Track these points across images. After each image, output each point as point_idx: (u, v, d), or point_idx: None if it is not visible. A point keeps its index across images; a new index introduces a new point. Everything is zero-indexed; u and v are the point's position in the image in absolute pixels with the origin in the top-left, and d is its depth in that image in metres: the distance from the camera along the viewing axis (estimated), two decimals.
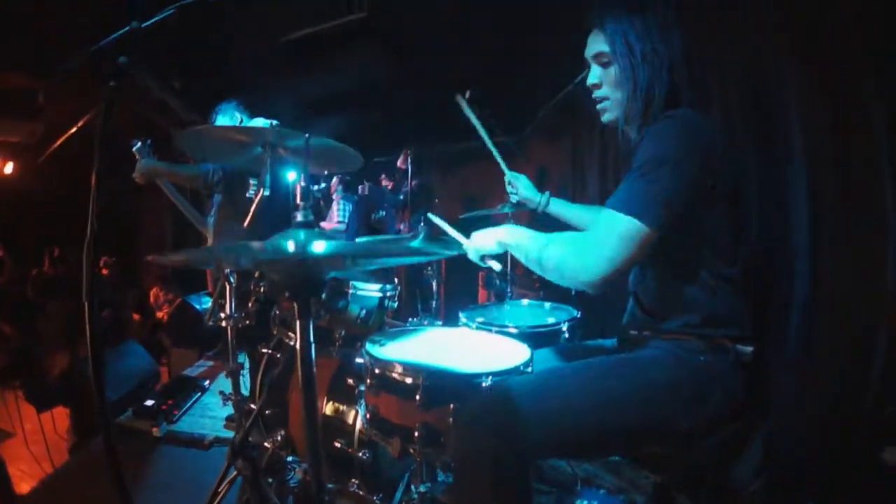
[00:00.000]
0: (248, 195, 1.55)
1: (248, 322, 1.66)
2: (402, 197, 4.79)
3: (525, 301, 2.20)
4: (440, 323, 2.98)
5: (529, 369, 1.24)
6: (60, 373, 3.67)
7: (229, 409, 2.87)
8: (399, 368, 1.18)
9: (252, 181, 1.54)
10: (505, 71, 3.74)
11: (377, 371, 1.22)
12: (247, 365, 3.23)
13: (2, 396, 3.82)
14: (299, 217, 0.90)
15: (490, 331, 1.62)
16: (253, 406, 1.72)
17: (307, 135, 1.30)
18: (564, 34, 3.06)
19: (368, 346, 1.31)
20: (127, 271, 6.47)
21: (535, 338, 1.61)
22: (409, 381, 1.14)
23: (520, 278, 2.95)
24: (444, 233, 1.42)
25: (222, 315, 1.59)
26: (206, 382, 3.33)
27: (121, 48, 0.97)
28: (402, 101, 4.28)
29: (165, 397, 2.86)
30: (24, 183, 6.41)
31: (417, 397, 1.12)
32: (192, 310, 4.27)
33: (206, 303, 4.41)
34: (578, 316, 1.82)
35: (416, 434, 1.13)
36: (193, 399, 3.07)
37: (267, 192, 1.43)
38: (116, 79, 0.91)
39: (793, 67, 1.70)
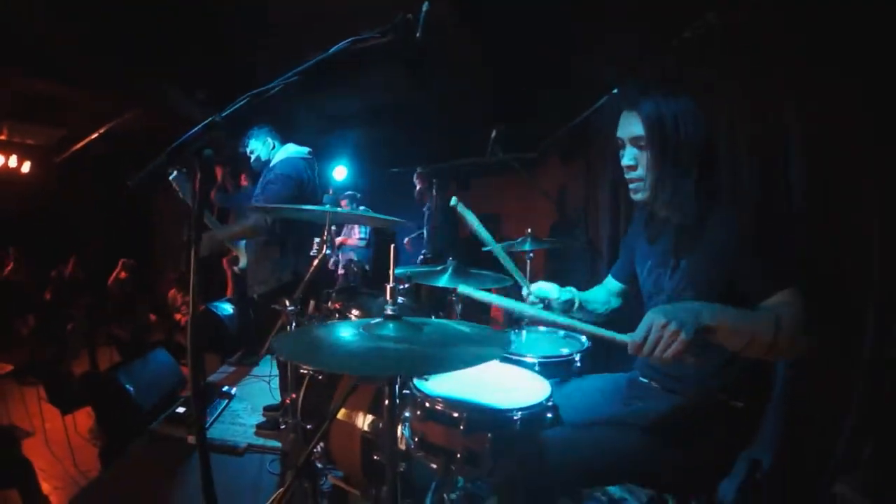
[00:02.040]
0: (312, 253, 1.75)
1: None
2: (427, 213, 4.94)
3: (542, 327, 2.36)
4: None
5: (551, 403, 1.47)
6: (83, 375, 3.84)
7: (258, 417, 3.13)
8: (446, 403, 1.42)
9: (316, 241, 1.74)
10: (523, 94, 3.89)
11: (427, 404, 1.45)
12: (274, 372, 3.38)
13: (21, 395, 4.00)
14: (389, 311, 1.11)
15: (512, 362, 1.84)
16: (304, 424, 1.92)
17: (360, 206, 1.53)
18: (585, 60, 3.28)
19: (417, 382, 1.53)
20: (143, 273, 6.65)
21: (550, 367, 1.86)
22: (455, 414, 1.38)
23: None
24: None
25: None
26: (233, 390, 3.48)
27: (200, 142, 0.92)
28: (417, 118, 4.45)
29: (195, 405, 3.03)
30: (43, 185, 6.58)
31: (461, 427, 1.36)
32: (214, 316, 4.41)
33: (227, 309, 4.58)
34: (588, 346, 2.03)
35: (459, 455, 1.37)
36: (222, 406, 3.23)
37: (329, 251, 1.65)
38: (203, 171, 0.92)
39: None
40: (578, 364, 1.93)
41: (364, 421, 1.84)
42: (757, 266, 1.25)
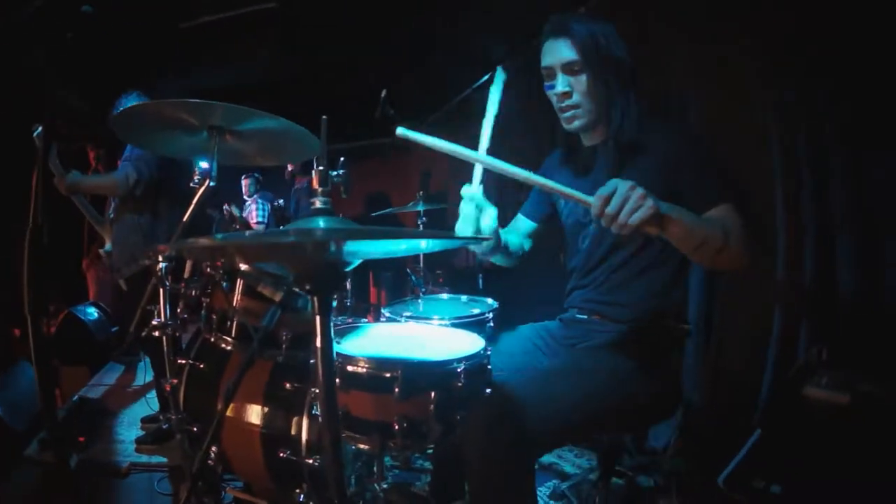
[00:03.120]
0: (191, 185, 1.40)
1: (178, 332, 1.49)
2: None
3: (445, 295, 2.26)
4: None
5: (489, 352, 1.29)
6: None
7: (137, 432, 2.67)
8: (372, 363, 1.16)
9: (198, 168, 1.40)
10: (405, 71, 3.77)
11: (348, 368, 1.17)
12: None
13: None
14: (318, 204, 0.84)
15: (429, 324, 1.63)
16: (191, 427, 1.54)
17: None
18: (463, 39, 3.23)
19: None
20: None
21: (465, 328, 1.62)
22: (387, 374, 1.12)
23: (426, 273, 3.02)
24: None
25: (155, 323, 1.41)
26: (108, 404, 3.07)
27: None
28: (302, 97, 4.13)
29: (69, 424, 2.54)
30: None
31: (396, 390, 1.11)
32: (79, 322, 3.80)
33: (93, 314, 3.98)
34: (496, 306, 1.89)
35: (396, 427, 1.11)
36: (98, 423, 2.78)
37: (213, 184, 1.32)
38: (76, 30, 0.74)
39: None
40: (492, 324, 1.78)
41: (260, 414, 1.52)
42: (700, 179, 1.23)
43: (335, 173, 0.88)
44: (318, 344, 0.74)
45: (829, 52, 1.63)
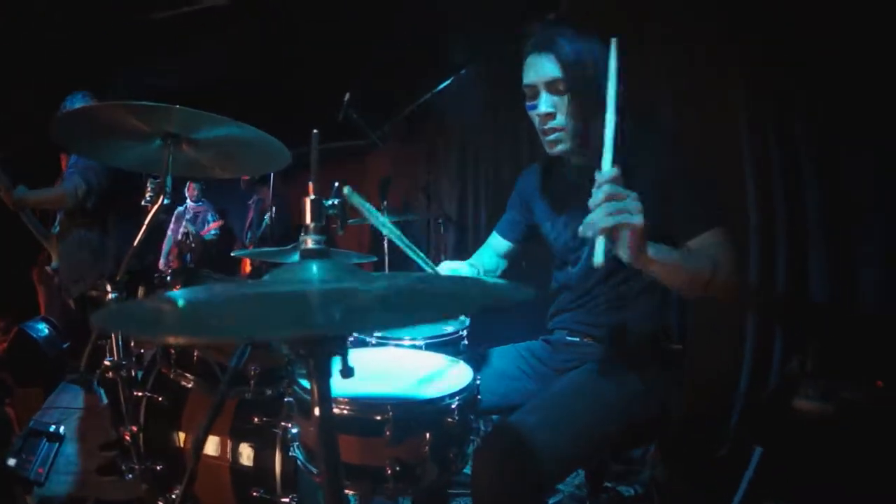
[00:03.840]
0: (143, 202, 1.25)
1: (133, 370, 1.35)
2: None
3: None
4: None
5: (479, 382, 1.20)
6: None
7: (97, 459, 2.40)
8: (361, 405, 1.05)
9: (150, 184, 1.25)
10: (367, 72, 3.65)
11: (333, 410, 1.07)
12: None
13: None
14: (310, 243, 0.71)
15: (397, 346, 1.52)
16: (154, 467, 1.40)
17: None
18: (425, 42, 3.13)
19: (303, 382, 1.14)
20: None
21: (440, 347, 1.54)
22: (377, 417, 1.02)
23: None
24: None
25: (107, 363, 1.26)
26: (61, 429, 2.64)
27: None
28: (257, 98, 3.93)
29: (25, 454, 2.30)
30: None
31: (387, 433, 1.01)
32: (30, 339, 3.45)
33: (44, 330, 3.61)
34: (468, 323, 1.81)
35: (389, 471, 1.02)
36: (54, 452, 2.43)
37: (168, 201, 1.19)
38: None
39: None
40: (466, 342, 1.70)
41: (228, 448, 1.40)
42: (689, 203, 1.18)
43: (329, 203, 0.77)
44: (318, 412, 0.64)
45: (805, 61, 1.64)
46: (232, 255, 1.98)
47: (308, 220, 0.73)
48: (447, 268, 1.44)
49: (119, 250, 2.45)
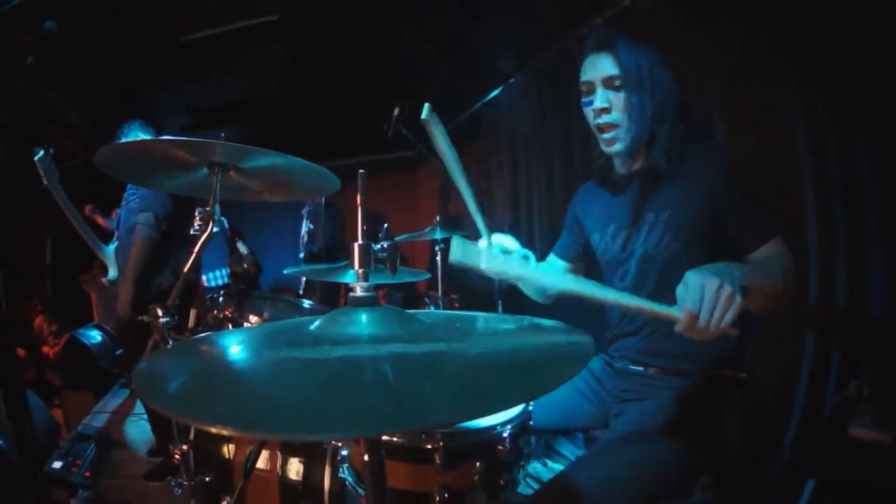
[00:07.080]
0: (193, 230, 1.26)
1: None
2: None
3: None
4: None
5: (531, 408, 1.20)
6: None
7: (143, 464, 2.56)
8: (412, 434, 1.05)
9: (198, 213, 1.26)
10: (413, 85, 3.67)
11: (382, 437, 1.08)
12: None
13: None
14: (359, 291, 0.67)
15: None
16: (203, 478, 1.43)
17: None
18: (472, 53, 3.12)
19: None
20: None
21: None
22: (427, 446, 1.03)
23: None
24: None
25: None
26: (112, 433, 2.91)
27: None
28: (302, 112, 4.00)
29: (73, 457, 2.36)
30: None
31: (437, 460, 1.01)
32: (82, 346, 3.70)
33: (96, 336, 3.88)
34: None
35: (437, 498, 1.02)
36: (103, 456, 2.59)
37: (217, 229, 1.20)
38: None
39: None
40: None
41: (278, 462, 1.41)
42: (749, 213, 1.17)
43: (378, 247, 0.75)
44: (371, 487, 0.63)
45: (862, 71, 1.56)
46: (284, 272, 1.88)
47: (356, 264, 0.69)
48: (497, 240, 1.28)
49: (177, 266, 2.49)
